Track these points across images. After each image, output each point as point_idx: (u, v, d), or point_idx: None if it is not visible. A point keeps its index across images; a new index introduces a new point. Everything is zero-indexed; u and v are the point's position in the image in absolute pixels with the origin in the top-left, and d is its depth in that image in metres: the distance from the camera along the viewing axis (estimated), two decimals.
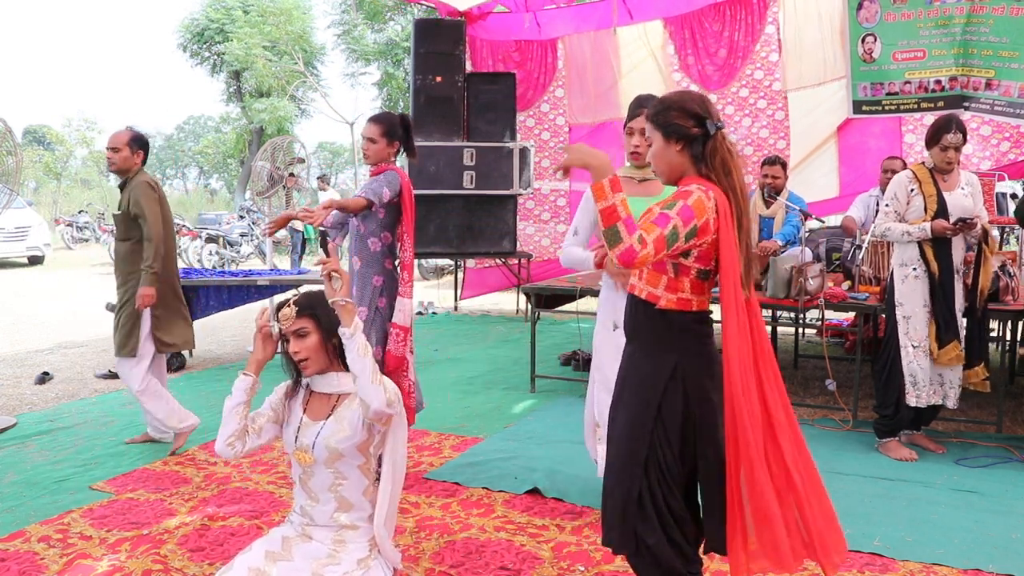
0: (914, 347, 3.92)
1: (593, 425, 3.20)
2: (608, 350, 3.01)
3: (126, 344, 4.03)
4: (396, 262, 3.69)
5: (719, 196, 2.05)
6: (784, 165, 5.49)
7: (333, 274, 2.18)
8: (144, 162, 4.13)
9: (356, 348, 2.14)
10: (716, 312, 2.14)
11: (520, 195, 7.63)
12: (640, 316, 2.17)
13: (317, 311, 2.23)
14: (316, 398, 2.31)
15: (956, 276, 3.92)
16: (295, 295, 2.27)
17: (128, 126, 4.17)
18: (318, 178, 14.20)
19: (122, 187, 4.11)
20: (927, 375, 3.93)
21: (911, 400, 3.93)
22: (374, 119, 3.67)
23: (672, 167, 2.15)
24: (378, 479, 2.30)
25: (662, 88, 7.36)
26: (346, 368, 2.25)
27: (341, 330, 2.16)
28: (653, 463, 2.10)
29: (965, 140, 3.86)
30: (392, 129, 3.64)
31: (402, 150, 3.72)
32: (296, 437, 2.27)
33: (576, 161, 2.03)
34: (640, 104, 2.97)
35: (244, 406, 2.31)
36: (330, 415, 2.25)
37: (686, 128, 2.09)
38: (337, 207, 3.54)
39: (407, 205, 3.62)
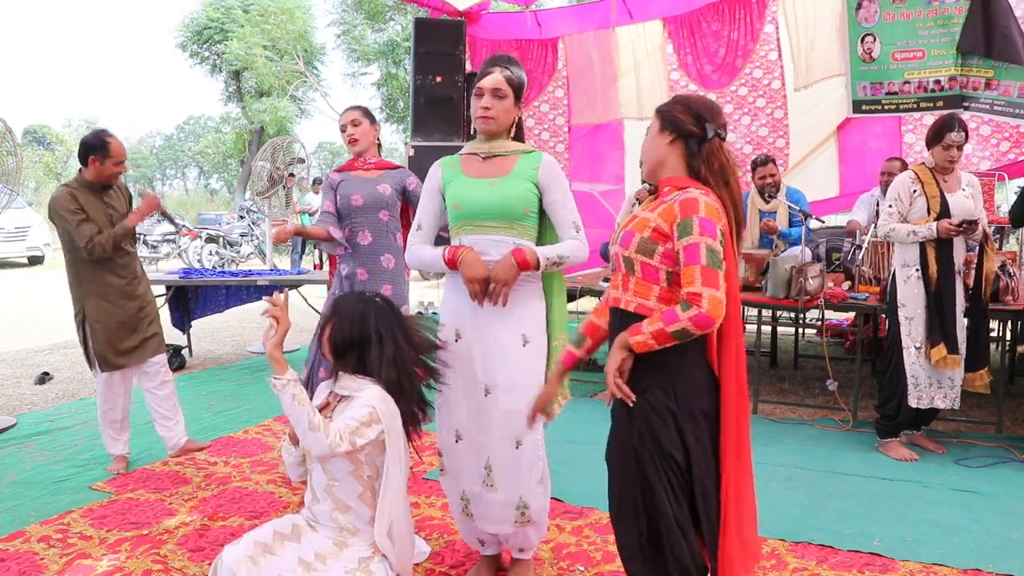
0: (916, 348, 3.92)
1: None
2: (455, 366, 2.57)
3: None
4: None
5: (720, 201, 1.99)
6: (774, 160, 5.50)
7: (273, 321, 2.21)
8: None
9: (286, 401, 2.14)
10: None
11: None
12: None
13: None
14: (332, 398, 2.36)
15: (957, 277, 3.92)
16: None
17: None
18: (313, 180, 14.12)
19: (104, 191, 3.78)
20: (929, 376, 3.93)
21: (912, 401, 3.93)
22: (352, 107, 3.70)
23: (657, 159, 2.08)
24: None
25: (662, 88, 7.37)
26: (358, 372, 2.28)
27: (271, 380, 2.15)
28: (662, 493, 1.99)
29: (967, 139, 3.87)
30: (371, 113, 3.68)
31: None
32: None
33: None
34: (494, 62, 2.56)
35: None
36: (330, 416, 2.27)
37: (683, 123, 2.03)
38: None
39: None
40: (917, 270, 3.91)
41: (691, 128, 2.03)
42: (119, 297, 3.80)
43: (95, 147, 3.71)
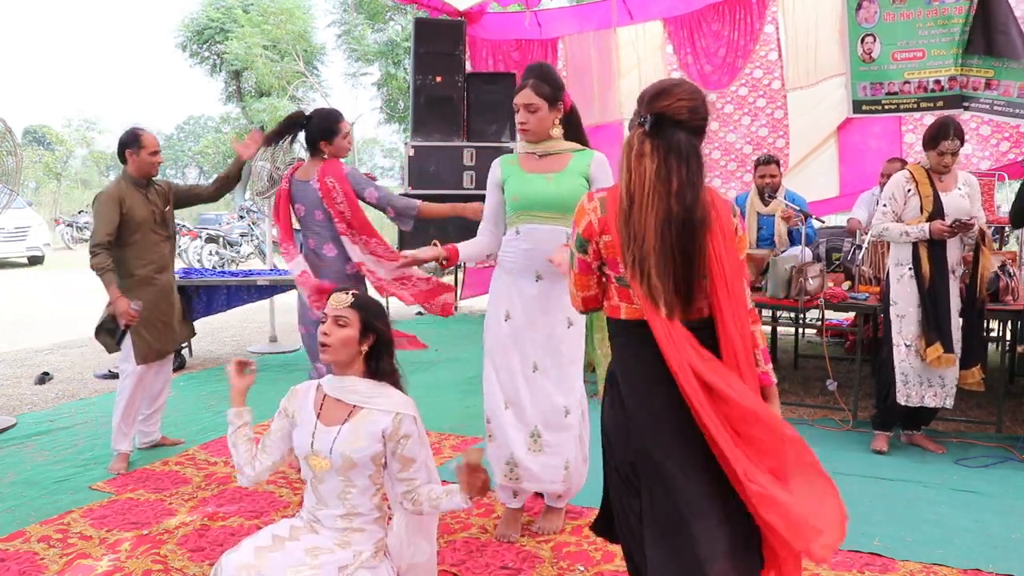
0: (907, 346, 3.93)
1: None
2: (504, 343, 2.94)
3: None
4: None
5: (611, 195, 1.88)
6: (778, 163, 5.50)
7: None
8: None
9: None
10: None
11: None
12: None
13: (369, 313, 2.24)
14: (330, 403, 2.25)
15: (952, 277, 3.93)
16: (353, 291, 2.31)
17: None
18: None
19: (148, 187, 3.92)
20: (919, 374, 3.93)
21: (901, 399, 3.94)
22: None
23: None
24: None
25: None
26: (367, 375, 2.24)
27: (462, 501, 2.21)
28: (611, 474, 2.02)
29: (962, 144, 3.87)
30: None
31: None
32: (311, 442, 2.22)
33: None
34: (526, 75, 2.81)
35: (239, 433, 2.37)
36: (346, 422, 2.21)
37: (634, 117, 1.87)
38: None
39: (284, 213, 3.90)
40: (910, 269, 3.92)
41: (635, 121, 1.87)
42: (158, 291, 3.89)
43: (128, 142, 3.89)
